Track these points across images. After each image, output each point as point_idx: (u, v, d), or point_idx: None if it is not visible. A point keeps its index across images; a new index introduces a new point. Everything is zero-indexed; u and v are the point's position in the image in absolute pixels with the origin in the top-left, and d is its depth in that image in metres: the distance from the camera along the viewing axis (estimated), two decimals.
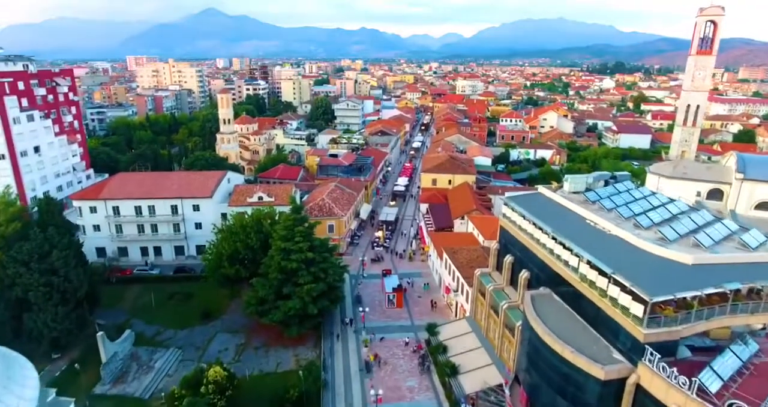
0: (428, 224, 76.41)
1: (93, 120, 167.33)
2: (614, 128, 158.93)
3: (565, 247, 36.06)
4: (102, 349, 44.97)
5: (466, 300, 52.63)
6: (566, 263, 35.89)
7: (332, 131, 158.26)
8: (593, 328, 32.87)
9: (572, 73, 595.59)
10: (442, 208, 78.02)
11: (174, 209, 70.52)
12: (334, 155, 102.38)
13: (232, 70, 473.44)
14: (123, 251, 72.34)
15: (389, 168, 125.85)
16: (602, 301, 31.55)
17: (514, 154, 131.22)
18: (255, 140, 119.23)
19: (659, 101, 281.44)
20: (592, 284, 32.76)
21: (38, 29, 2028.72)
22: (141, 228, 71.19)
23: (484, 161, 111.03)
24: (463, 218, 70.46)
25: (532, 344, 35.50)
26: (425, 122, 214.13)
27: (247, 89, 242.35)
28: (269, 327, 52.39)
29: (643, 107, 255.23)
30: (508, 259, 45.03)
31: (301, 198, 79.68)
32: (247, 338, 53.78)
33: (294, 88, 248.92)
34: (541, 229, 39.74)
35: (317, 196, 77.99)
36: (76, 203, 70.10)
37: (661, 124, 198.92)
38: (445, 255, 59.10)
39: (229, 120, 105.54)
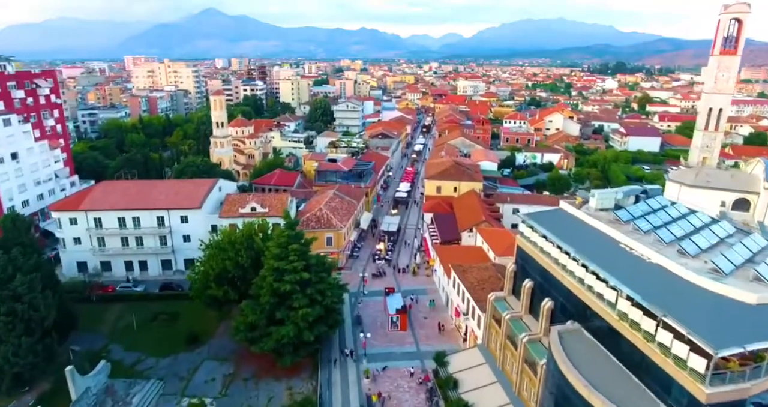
0: (433, 235, 71.55)
1: (84, 122, 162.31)
2: (622, 130, 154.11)
3: (598, 277, 31.17)
4: (71, 386, 40.06)
5: (477, 326, 47.72)
6: (600, 296, 30.99)
7: (331, 133, 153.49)
8: (636, 376, 27.99)
9: (574, 74, 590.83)
10: (448, 218, 73.14)
11: (160, 220, 65.55)
12: (333, 160, 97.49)
13: (231, 71, 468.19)
14: (106, 266, 67.36)
15: (390, 173, 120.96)
16: (648, 346, 26.66)
17: (520, 158, 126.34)
18: (250, 143, 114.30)
19: (664, 102, 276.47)
20: (634, 324, 27.87)
21: (38, 29, 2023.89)
22: (125, 241, 66.20)
23: (490, 166, 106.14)
24: (471, 230, 65.55)
25: (560, 391, 30.59)
26: (426, 123, 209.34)
27: (245, 90, 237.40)
28: (261, 354, 47.42)
29: (648, 108, 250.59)
30: (528, 284, 40.10)
31: (297, 207, 74.89)
32: (236, 367, 48.81)
33: (292, 89, 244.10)
34: (567, 253, 34.85)
35: (314, 205, 73.07)
36: (54, 215, 65.14)
37: (669, 126, 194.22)
38: (453, 274, 54.21)
39: (222, 123, 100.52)
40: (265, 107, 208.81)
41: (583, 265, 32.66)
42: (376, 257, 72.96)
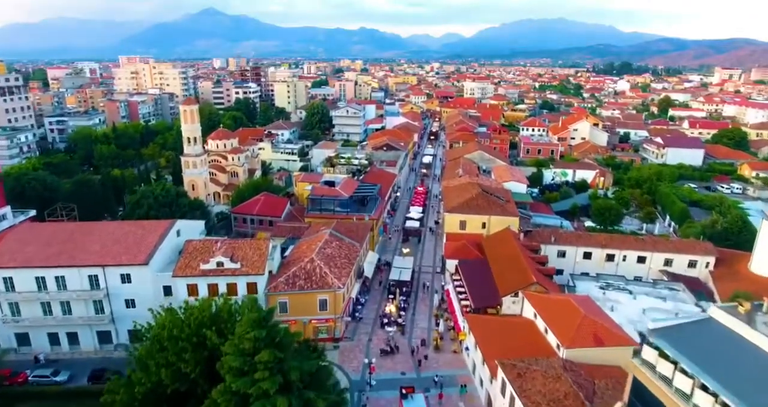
0: (460, 293, 54.48)
1: (53, 131, 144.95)
2: (658, 140, 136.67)
3: None
4: None
5: None
6: None
7: (329, 144, 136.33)
8: None
9: (580, 75, 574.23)
10: (479, 269, 55.90)
11: (93, 280, 48.38)
12: (331, 183, 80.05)
13: (228, 71, 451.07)
14: (23, 339, 50.29)
15: (398, 193, 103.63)
16: None
17: (548, 175, 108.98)
18: (233, 159, 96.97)
19: (686, 106, 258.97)
20: None
21: (37, 29, 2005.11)
22: (47, 308, 49.05)
23: (518, 187, 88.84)
24: (516, 294, 48.35)
25: None
26: (434, 129, 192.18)
27: (237, 93, 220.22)
28: None
29: (671, 112, 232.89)
30: None
31: (283, 253, 57.67)
32: None
33: (288, 92, 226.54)
34: None
35: (304, 252, 55.82)
36: None
37: (700, 133, 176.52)
38: (502, 377, 37.03)
39: (195, 139, 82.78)
40: (258, 112, 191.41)
41: None
42: (385, 321, 55.64)
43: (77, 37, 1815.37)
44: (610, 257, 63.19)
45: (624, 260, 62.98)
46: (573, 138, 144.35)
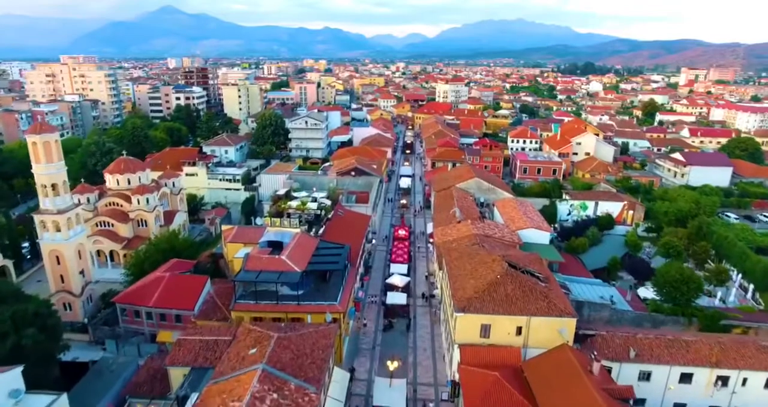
0: None
1: None
2: (677, 156, 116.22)
3: None
4: None
5: None
6: None
7: (282, 165, 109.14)
8: None
9: (546, 75, 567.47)
10: None
11: None
12: (276, 244, 52.82)
13: (181, 72, 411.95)
14: None
15: (373, 241, 77.49)
16: None
17: (563, 209, 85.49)
18: (140, 202, 68.38)
19: (671, 110, 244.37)
20: None
21: None
22: None
23: (539, 236, 64.69)
24: None
25: None
26: (408, 140, 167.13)
27: (177, 98, 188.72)
28: None
29: (659, 116, 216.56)
30: None
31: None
32: None
33: (240, 97, 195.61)
34: None
35: None
36: None
37: (702, 142, 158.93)
38: None
39: (55, 186, 51.89)
40: (198, 123, 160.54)
41: None
42: None
43: (27, 35, 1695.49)
44: (722, 381, 39.51)
45: (743, 384, 39.41)
46: (575, 153, 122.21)
